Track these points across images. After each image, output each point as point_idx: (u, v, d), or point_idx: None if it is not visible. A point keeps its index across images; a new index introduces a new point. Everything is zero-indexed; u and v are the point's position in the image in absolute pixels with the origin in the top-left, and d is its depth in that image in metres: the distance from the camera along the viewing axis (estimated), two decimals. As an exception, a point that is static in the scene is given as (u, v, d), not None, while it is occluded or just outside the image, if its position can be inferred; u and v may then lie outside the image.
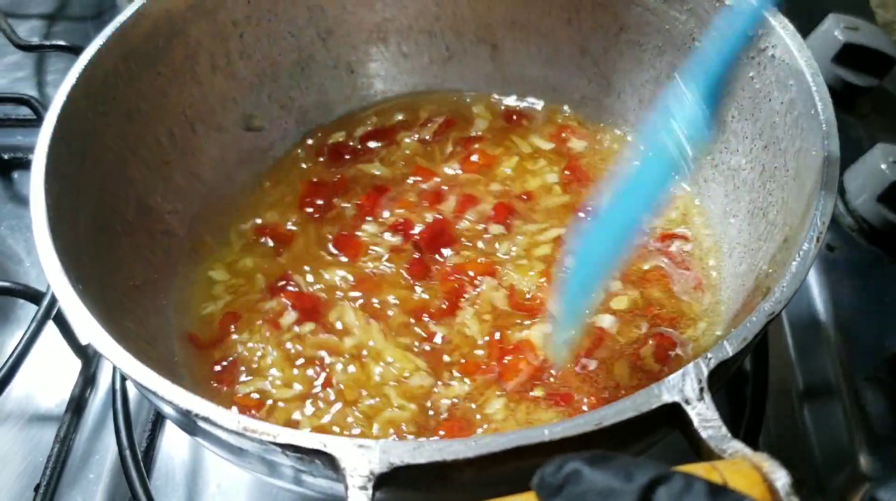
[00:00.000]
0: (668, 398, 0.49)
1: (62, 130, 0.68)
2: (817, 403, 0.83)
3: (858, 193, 0.93)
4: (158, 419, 0.84)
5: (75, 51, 1.10)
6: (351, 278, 0.83)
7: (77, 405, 0.86)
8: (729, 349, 0.52)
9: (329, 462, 0.47)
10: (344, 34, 0.94)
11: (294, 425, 0.73)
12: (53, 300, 0.83)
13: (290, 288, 0.83)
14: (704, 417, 0.48)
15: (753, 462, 0.42)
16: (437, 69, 0.99)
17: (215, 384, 0.76)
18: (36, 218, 0.61)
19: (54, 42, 1.15)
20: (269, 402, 0.75)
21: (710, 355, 0.51)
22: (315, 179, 0.93)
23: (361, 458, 0.46)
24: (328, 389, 0.75)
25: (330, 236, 0.87)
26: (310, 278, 0.83)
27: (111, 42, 0.74)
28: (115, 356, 0.54)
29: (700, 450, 0.47)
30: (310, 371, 0.76)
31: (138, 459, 0.77)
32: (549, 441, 0.46)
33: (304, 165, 0.95)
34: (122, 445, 0.77)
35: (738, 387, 0.81)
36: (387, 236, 0.86)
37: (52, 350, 0.87)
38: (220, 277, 0.85)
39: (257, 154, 0.93)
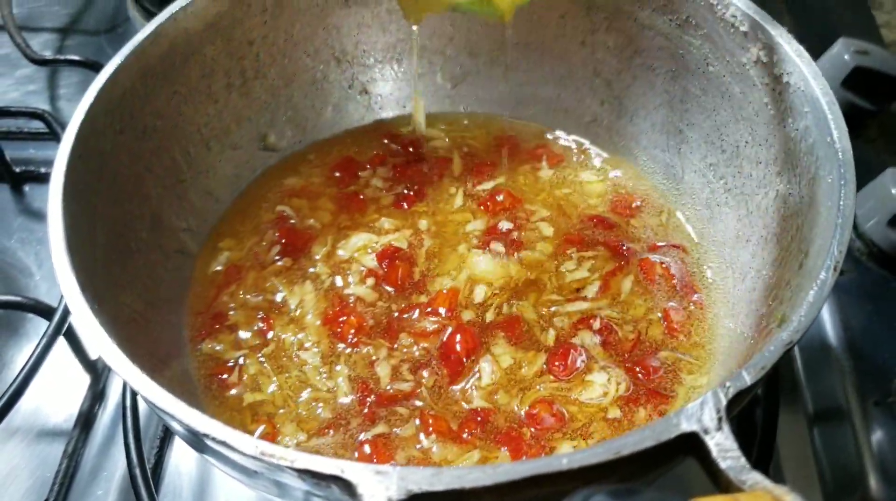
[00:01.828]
0: (686, 427, 0.49)
1: (80, 148, 0.68)
2: (827, 426, 0.83)
3: (868, 217, 0.92)
4: (167, 435, 0.84)
5: (88, 65, 1.11)
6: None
7: (86, 420, 0.86)
8: (747, 378, 0.52)
9: (346, 487, 0.47)
10: (358, 55, 0.95)
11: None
12: (64, 316, 0.83)
13: None
14: (723, 447, 0.48)
15: (775, 494, 0.42)
16: (451, 89, 0.99)
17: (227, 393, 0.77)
18: (54, 237, 0.62)
19: (68, 57, 1.16)
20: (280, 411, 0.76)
21: (728, 384, 0.51)
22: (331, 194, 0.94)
23: (379, 484, 0.46)
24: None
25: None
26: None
27: (129, 61, 0.74)
28: (128, 374, 0.54)
29: (718, 480, 0.47)
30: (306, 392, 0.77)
31: (147, 475, 0.77)
32: (568, 470, 0.46)
33: (317, 183, 0.95)
34: (132, 461, 0.77)
35: (749, 411, 0.81)
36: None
37: (60, 365, 0.87)
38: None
39: (272, 172, 0.94)
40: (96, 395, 0.88)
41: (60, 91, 1.20)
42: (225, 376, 0.78)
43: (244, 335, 0.81)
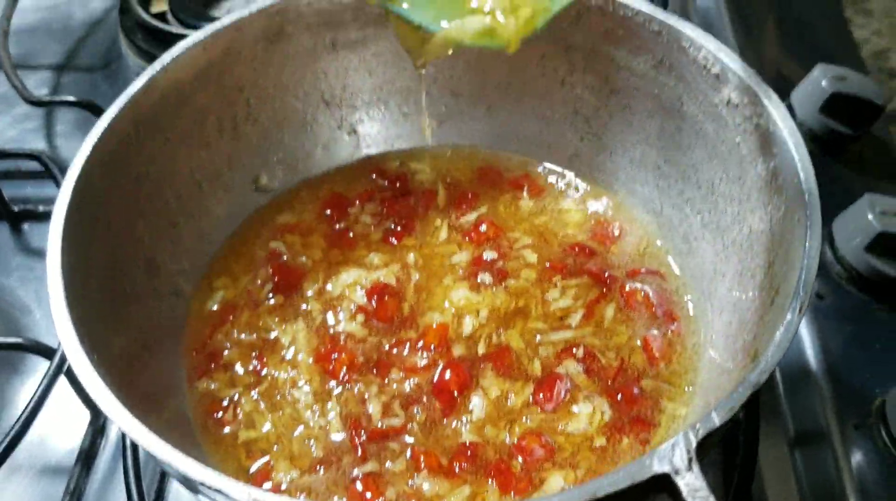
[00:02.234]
0: (658, 468, 0.51)
1: (76, 199, 0.70)
2: (808, 449, 0.84)
3: (847, 241, 0.94)
4: (166, 471, 0.85)
5: (83, 105, 1.13)
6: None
7: (87, 456, 0.88)
8: (716, 420, 0.54)
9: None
10: (346, 97, 0.98)
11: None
12: (64, 357, 0.85)
13: None
14: (693, 487, 0.51)
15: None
16: (437, 127, 1.02)
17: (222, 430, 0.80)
18: (53, 288, 0.64)
19: (63, 98, 1.18)
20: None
21: (698, 426, 0.53)
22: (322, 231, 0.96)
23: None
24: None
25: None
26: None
27: (122, 112, 0.77)
28: (128, 426, 0.57)
29: (689, 519, 0.50)
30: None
31: (147, 511, 0.79)
32: (546, 513, 0.49)
33: (309, 220, 0.98)
34: (132, 497, 0.79)
35: (731, 434, 0.83)
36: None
37: (61, 401, 0.88)
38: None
39: (264, 212, 0.97)
40: (97, 431, 0.90)
41: (57, 129, 1.22)
42: (220, 414, 0.81)
43: (239, 372, 0.84)
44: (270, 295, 0.90)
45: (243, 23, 0.85)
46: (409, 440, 0.78)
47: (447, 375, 0.81)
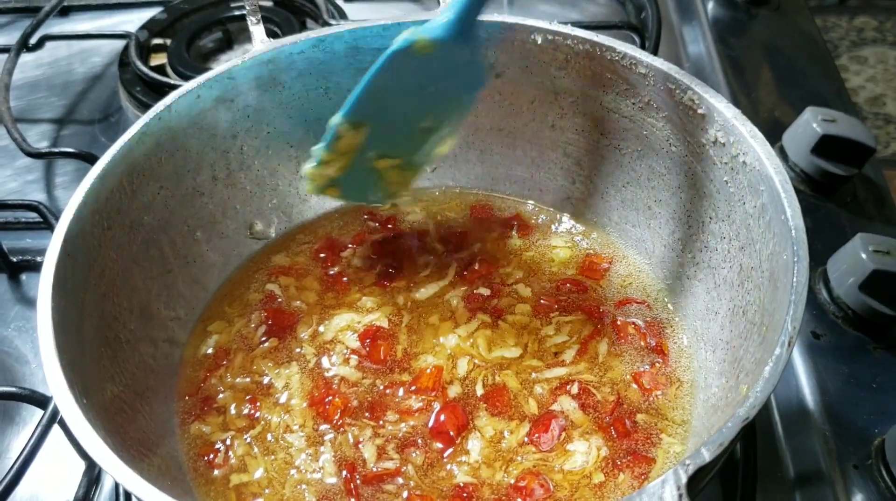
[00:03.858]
0: (647, 505, 0.51)
1: (69, 247, 0.71)
2: (809, 490, 0.83)
3: (841, 281, 0.94)
4: (160, 520, 0.85)
5: (82, 157, 1.14)
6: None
7: (81, 506, 0.87)
8: (706, 455, 0.54)
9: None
10: (341, 142, 0.98)
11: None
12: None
13: None
14: (683, 523, 0.50)
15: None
16: (430, 172, 1.03)
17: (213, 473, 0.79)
18: (43, 335, 0.64)
19: (62, 149, 1.19)
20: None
21: (688, 461, 0.53)
22: (316, 274, 0.97)
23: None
24: None
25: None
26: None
27: (116, 161, 0.78)
28: (118, 473, 0.57)
29: (679, 557, 0.49)
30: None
31: (141, 562, 0.78)
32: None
33: (303, 263, 0.98)
34: (126, 547, 0.79)
35: (730, 474, 0.82)
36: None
37: (56, 451, 0.87)
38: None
39: (259, 258, 0.97)
40: (91, 481, 0.89)
41: (57, 180, 1.23)
42: (212, 456, 0.80)
43: (232, 415, 0.84)
44: (264, 339, 0.90)
45: (236, 71, 0.87)
46: (404, 482, 0.77)
47: (442, 417, 0.81)
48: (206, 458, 0.80)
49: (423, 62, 0.81)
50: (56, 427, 0.85)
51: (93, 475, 0.89)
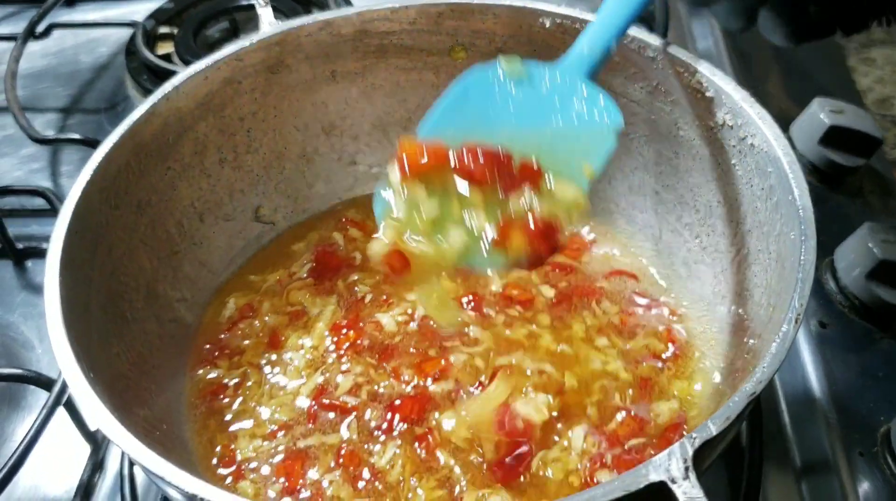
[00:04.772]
0: (654, 477, 0.51)
1: (76, 224, 0.71)
2: (815, 478, 0.83)
3: (849, 270, 0.94)
4: (165, 503, 0.85)
5: (88, 143, 1.14)
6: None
7: (86, 490, 0.86)
8: (713, 429, 0.54)
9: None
10: (347, 127, 0.99)
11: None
12: (64, 387, 0.85)
13: None
14: (690, 495, 0.50)
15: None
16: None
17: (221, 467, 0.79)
18: (50, 310, 0.64)
19: (69, 136, 1.20)
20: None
21: (694, 435, 0.53)
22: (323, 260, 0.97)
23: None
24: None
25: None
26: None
27: (123, 140, 0.78)
28: (125, 443, 0.57)
29: (687, 528, 0.49)
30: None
31: (146, 546, 0.78)
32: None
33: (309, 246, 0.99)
34: (131, 530, 0.79)
35: (735, 462, 0.82)
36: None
37: (60, 435, 0.88)
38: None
39: (266, 242, 0.98)
40: (96, 465, 0.89)
41: (62, 168, 1.23)
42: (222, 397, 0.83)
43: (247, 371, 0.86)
44: (306, 275, 0.94)
45: (244, 53, 0.87)
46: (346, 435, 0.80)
47: (398, 403, 0.82)
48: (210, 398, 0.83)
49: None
50: (61, 411, 0.86)
51: (97, 459, 0.89)
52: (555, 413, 0.79)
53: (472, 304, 0.90)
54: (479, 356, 0.85)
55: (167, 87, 0.82)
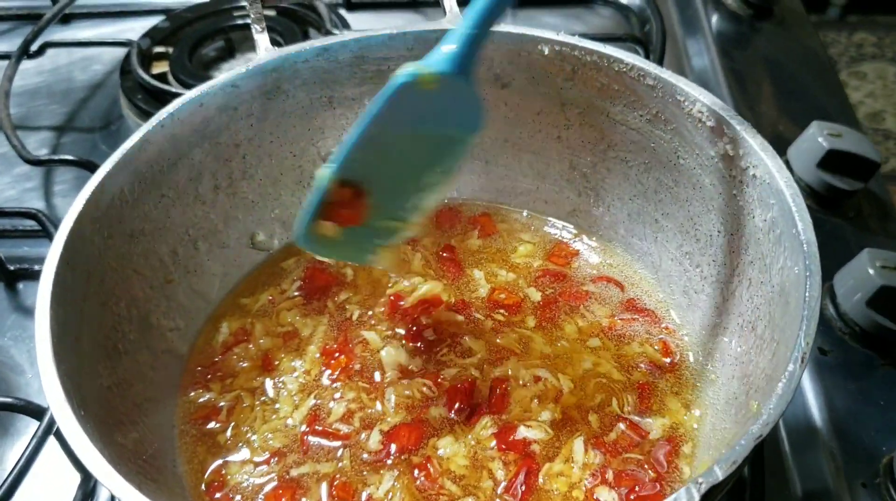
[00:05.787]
0: (660, 524, 0.50)
1: (68, 255, 0.70)
2: (817, 509, 0.83)
3: (848, 297, 0.94)
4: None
5: (82, 164, 1.13)
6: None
7: (77, 519, 0.86)
8: (719, 473, 0.53)
9: None
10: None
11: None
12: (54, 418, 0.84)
13: None
14: (697, 542, 0.49)
15: None
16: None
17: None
18: (40, 346, 0.63)
19: (62, 157, 1.18)
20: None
21: (700, 480, 0.52)
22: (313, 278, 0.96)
23: None
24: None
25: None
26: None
27: (116, 168, 0.77)
28: (114, 486, 0.55)
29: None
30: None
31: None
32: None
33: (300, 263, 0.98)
34: (121, 563, 0.77)
35: (737, 493, 0.81)
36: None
37: (51, 463, 0.86)
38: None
39: (262, 269, 0.97)
40: (87, 494, 0.88)
41: (56, 188, 1.22)
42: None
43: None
44: (296, 294, 0.94)
45: (239, 80, 0.86)
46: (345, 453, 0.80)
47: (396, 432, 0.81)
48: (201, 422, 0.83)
49: (425, 101, 0.73)
50: (52, 439, 0.84)
51: (88, 487, 0.88)
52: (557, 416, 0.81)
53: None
54: (473, 367, 0.85)
55: (162, 114, 0.81)
